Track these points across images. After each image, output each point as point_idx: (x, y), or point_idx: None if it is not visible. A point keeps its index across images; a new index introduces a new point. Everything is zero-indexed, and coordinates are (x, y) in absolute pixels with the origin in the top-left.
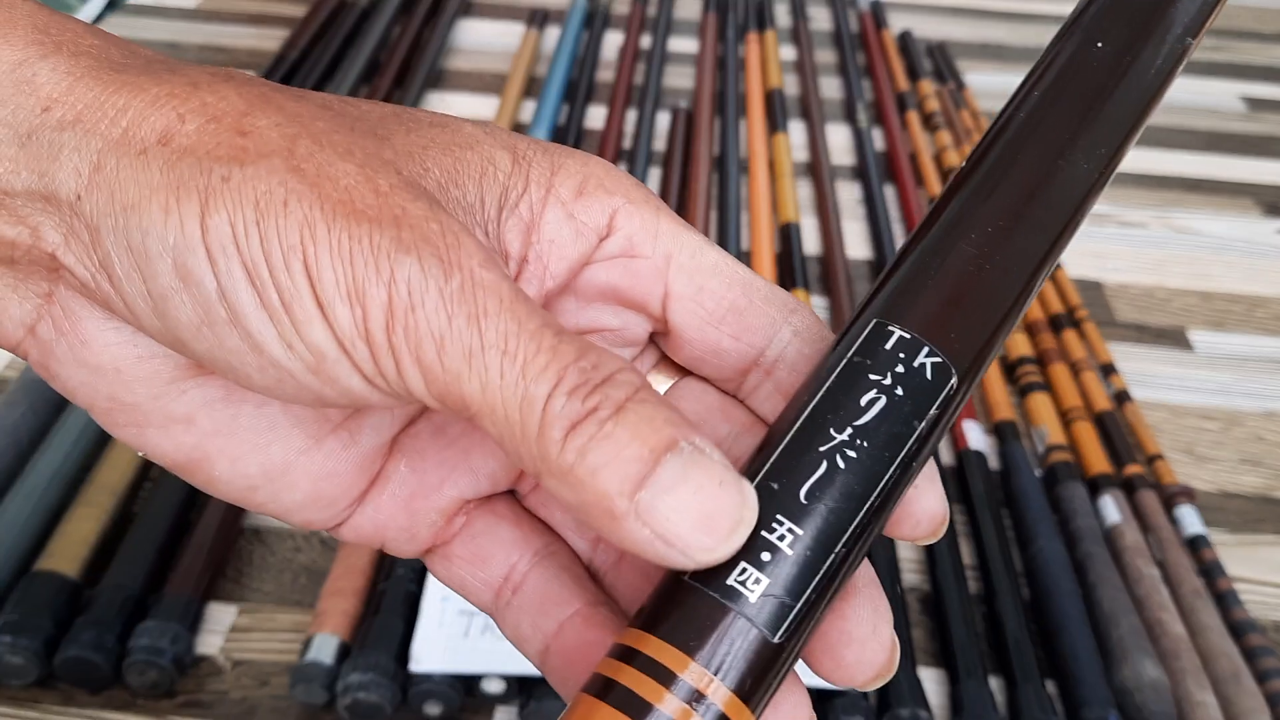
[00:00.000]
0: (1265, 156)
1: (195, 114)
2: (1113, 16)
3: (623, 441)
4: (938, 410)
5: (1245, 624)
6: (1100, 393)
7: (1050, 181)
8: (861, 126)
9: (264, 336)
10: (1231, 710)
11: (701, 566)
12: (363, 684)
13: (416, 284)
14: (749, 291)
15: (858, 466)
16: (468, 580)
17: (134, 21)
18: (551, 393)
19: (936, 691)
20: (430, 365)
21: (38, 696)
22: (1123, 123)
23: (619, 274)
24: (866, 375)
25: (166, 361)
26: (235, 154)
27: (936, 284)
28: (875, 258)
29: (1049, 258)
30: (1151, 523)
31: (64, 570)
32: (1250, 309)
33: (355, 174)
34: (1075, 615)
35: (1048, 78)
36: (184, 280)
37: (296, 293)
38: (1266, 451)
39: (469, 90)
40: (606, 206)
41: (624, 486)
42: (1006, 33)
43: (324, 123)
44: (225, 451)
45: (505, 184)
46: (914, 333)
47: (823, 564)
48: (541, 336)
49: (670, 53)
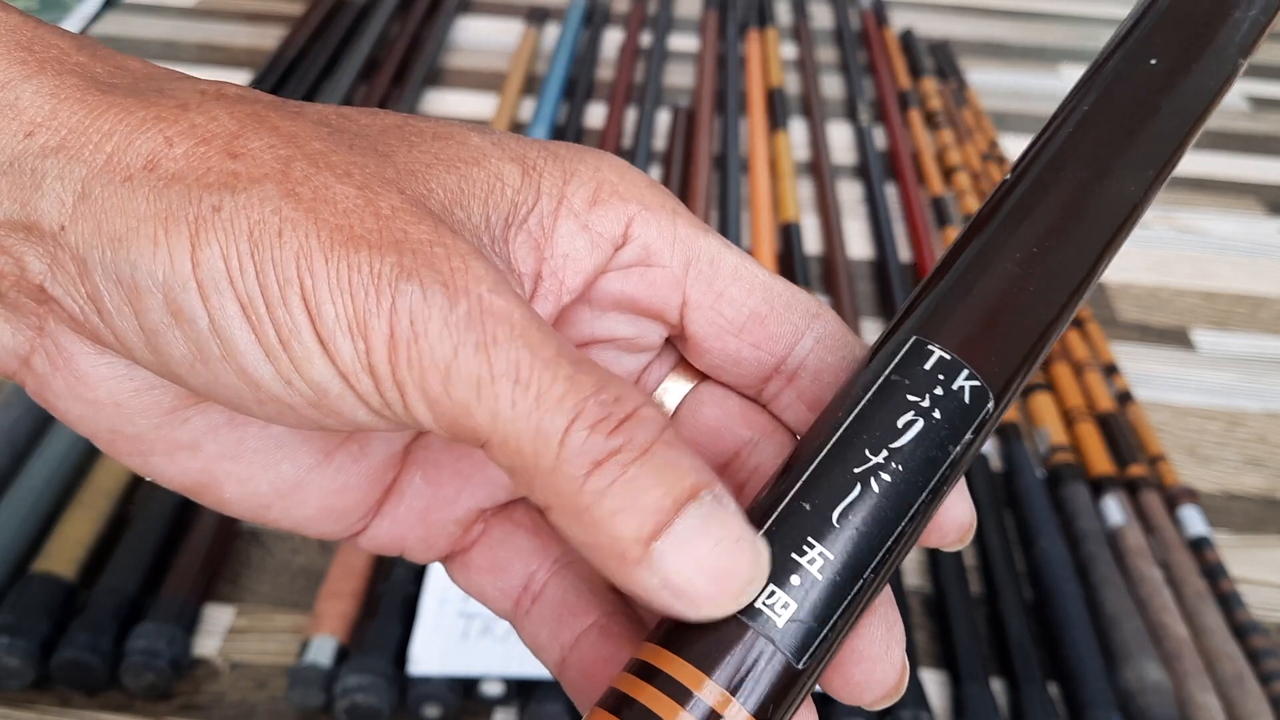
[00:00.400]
0: (1269, 156)
1: (183, 137)
2: (1168, 32)
3: (645, 487)
4: (973, 435)
5: (1249, 626)
6: (1103, 393)
7: (1094, 203)
8: (863, 125)
9: (261, 373)
10: (1235, 713)
11: (704, 620)
12: (361, 686)
13: (419, 313)
14: (770, 297)
15: (892, 490)
16: (487, 589)
17: (131, 20)
18: (570, 426)
19: (939, 693)
20: (436, 397)
21: (34, 699)
22: (1170, 143)
23: (635, 283)
24: (905, 396)
25: (166, 392)
26: (226, 180)
27: (978, 303)
28: (877, 257)
29: (1088, 281)
30: (1154, 524)
31: (60, 572)
32: (1254, 309)
33: (355, 197)
34: (1078, 617)
35: (1096, 92)
36: (175, 316)
37: (295, 328)
38: (1270, 452)
39: (468, 88)
40: (622, 215)
41: (641, 533)
42: (1009, 31)
43: (321, 142)
44: (233, 474)
45: (514, 200)
46: (954, 354)
47: (851, 589)
48: (558, 365)
49: (670, 50)
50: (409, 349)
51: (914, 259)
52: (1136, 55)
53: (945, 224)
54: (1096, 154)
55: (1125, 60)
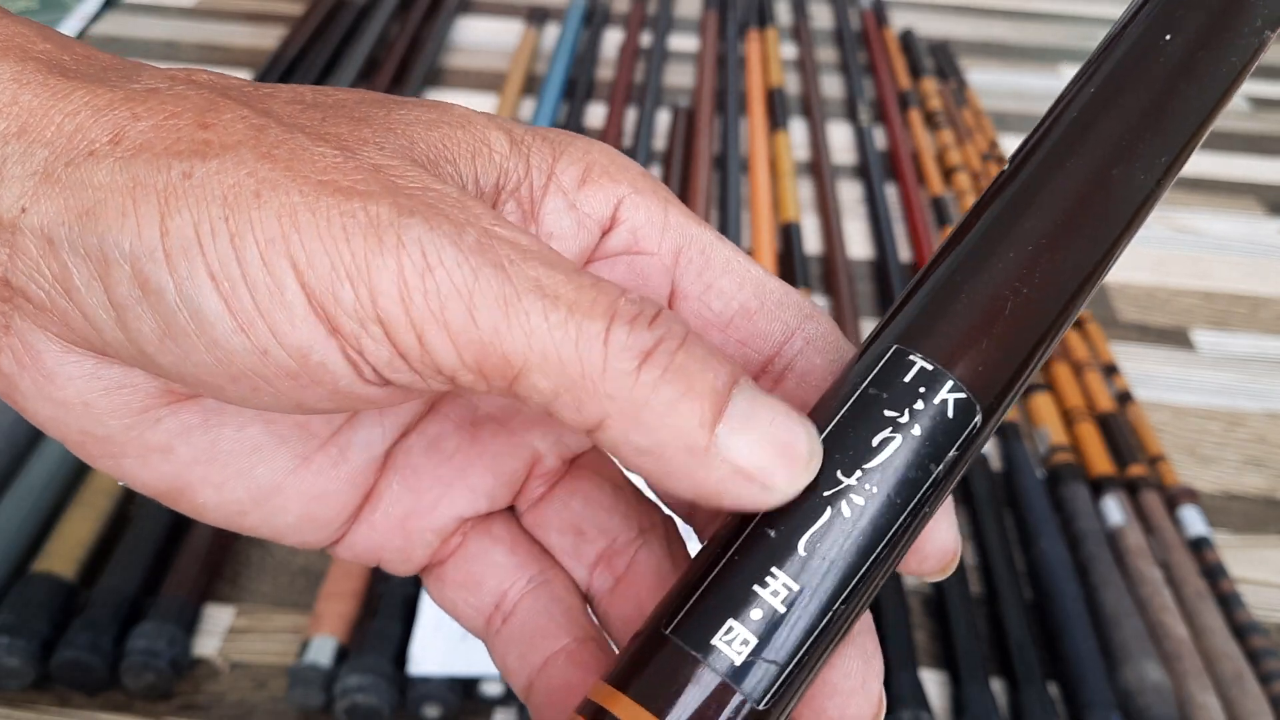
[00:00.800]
0: (1268, 156)
1: (151, 113)
2: (1185, 4)
3: (696, 372)
4: (957, 452)
5: (1248, 626)
6: (1103, 393)
7: (1102, 194)
8: (863, 125)
9: (233, 345)
10: (1234, 712)
11: (782, 500)
12: (361, 686)
13: (430, 243)
14: (761, 293)
15: (865, 515)
16: (459, 604)
17: (132, 20)
18: (611, 324)
19: (938, 694)
20: (461, 327)
21: (34, 699)
22: (1188, 127)
23: (623, 273)
24: (881, 411)
25: (136, 392)
26: (197, 148)
27: (966, 307)
28: (877, 257)
29: (1091, 281)
30: (1154, 524)
31: (60, 572)
32: (1253, 309)
33: (335, 155)
34: (1078, 617)
35: (1104, 73)
36: (143, 289)
37: (277, 289)
38: (1269, 452)
39: (468, 88)
40: (611, 195)
41: (705, 419)
42: (1009, 31)
43: (293, 113)
44: (208, 479)
45: (503, 165)
46: (937, 363)
47: (819, 623)
48: (580, 276)
49: (670, 50)
50: (425, 281)
51: (914, 259)
52: (1149, 31)
53: (945, 224)
54: (1104, 140)
55: (1136, 37)
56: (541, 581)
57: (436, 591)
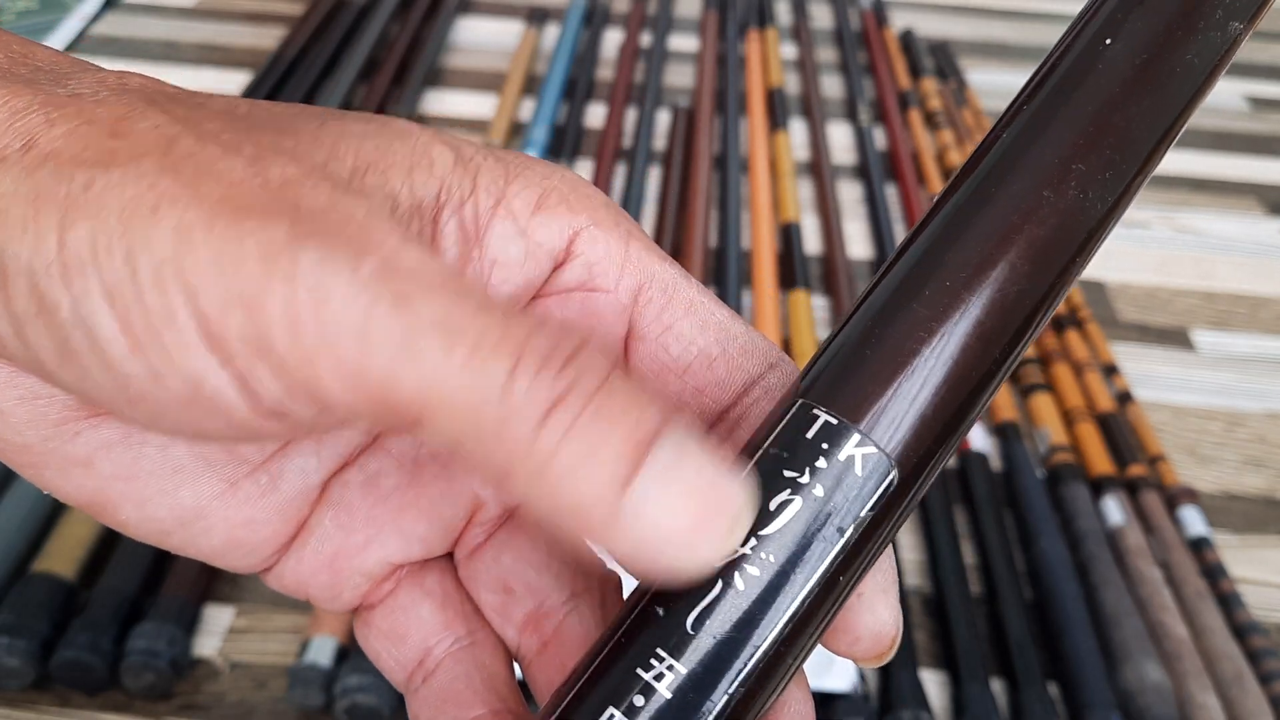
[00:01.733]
0: (1269, 156)
1: (67, 119)
2: (1126, 3)
3: (602, 434)
4: (873, 513)
5: (1248, 626)
6: (1103, 393)
7: (1033, 220)
8: (863, 125)
9: (128, 368)
10: (1234, 712)
11: (699, 572)
12: (361, 686)
13: (320, 275)
14: (724, 339)
15: (759, 586)
16: (383, 655)
17: (132, 20)
18: (512, 372)
19: (938, 694)
20: (354, 366)
21: (34, 699)
22: (1140, 139)
23: (576, 310)
24: (781, 471)
25: (52, 402)
26: (102, 157)
27: (876, 355)
28: (877, 257)
29: (1033, 321)
30: (1154, 524)
31: (60, 572)
32: (1254, 309)
33: (242, 169)
34: (1078, 617)
35: (1047, 88)
36: (39, 304)
37: (169, 313)
38: (1270, 452)
39: (468, 89)
40: (567, 226)
41: (618, 474)
42: (1009, 31)
43: (217, 123)
44: (129, 496)
45: (444, 179)
46: (842, 417)
47: (709, 708)
48: (487, 310)
49: (670, 50)
50: (316, 315)
51: None
52: (1089, 36)
53: None
54: (1044, 162)
55: (1076, 44)
56: (468, 644)
57: (362, 636)
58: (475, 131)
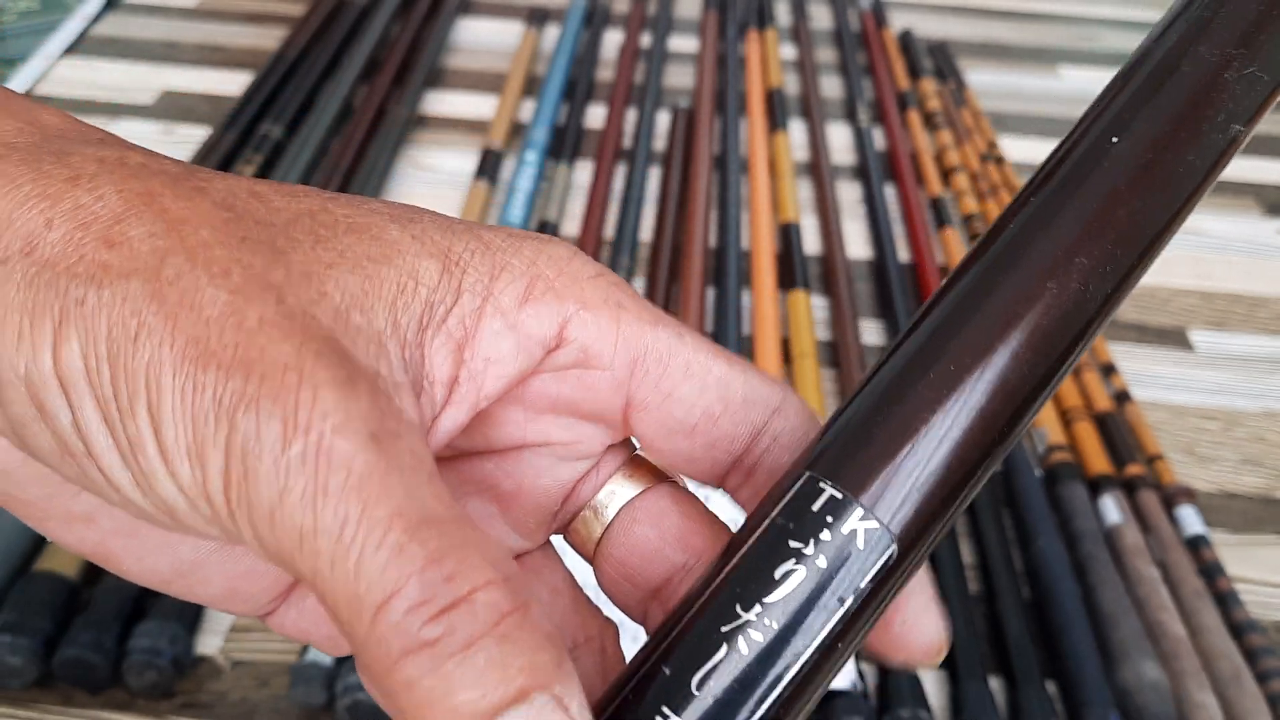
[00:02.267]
0: (1268, 156)
1: (64, 218)
2: (1133, 103)
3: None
4: (872, 584)
5: (1246, 624)
6: (1101, 393)
7: (1036, 309)
8: (862, 125)
9: (119, 479)
10: (1232, 711)
11: None
12: (363, 684)
13: (251, 449)
14: (725, 395)
15: (762, 651)
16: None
17: (131, 20)
18: (386, 603)
19: (937, 692)
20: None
21: (36, 697)
22: (1141, 235)
23: (572, 387)
24: (786, 542)
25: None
26: (95, 272)
27: (881, 433)
28: (876, 257)
29: (1030, 404)
30: (1152, 523)
31: (63, 570)
32: (1251, 309)
33: (224, 304)
34: (1076, 616)
35: (1053, 182)
36: (39, 410)
37: (142, 443)
38: (1267, 452)
39: (468, 89)
40: (556, 315)
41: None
42: (1008, 31)
43: (210, 231)
44: (130, 550)
45: (429, 300)
46: (847, 492)
47: None
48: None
49: (670, 51)
50: (240, 485)
51: (913, 260)
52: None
53: (944, 225)
54: (1049, 254)
55: (1084, 139)
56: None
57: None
58: (475, 132)
